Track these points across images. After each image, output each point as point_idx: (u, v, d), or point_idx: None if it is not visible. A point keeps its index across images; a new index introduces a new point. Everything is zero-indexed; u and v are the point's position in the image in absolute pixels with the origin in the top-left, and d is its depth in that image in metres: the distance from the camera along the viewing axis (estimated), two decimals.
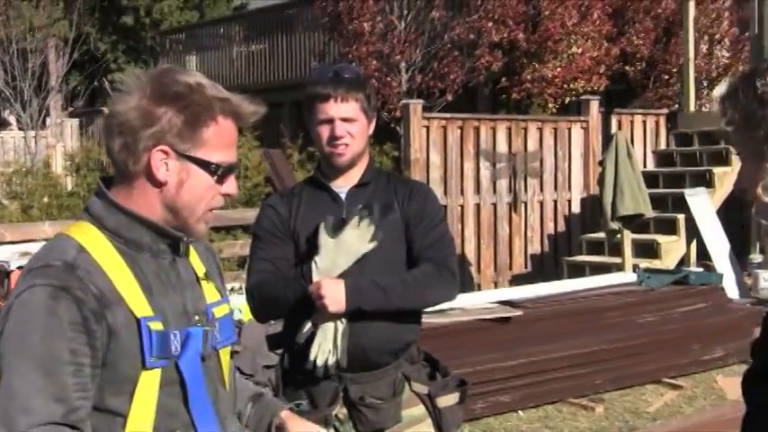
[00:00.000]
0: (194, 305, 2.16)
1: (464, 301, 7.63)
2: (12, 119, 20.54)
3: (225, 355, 2.25)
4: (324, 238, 3.27)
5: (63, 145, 18.89)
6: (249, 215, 10.86)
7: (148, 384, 2.01)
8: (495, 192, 11.97)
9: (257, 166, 12.20)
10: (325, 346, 3.24)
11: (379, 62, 13.69)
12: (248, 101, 2.15)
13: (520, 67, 13.81)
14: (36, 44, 19.49)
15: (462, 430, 5.56)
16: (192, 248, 2.25)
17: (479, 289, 11.17)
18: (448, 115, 12.07)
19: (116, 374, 1.99)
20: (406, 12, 13.78)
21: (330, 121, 3.35)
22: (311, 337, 3.25)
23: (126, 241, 2.08)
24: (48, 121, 20.78)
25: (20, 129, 19.87)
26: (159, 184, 2.09)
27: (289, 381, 3.47)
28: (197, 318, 2.14)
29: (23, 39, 19.16)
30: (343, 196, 3.45)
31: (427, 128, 11.51)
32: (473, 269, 11.65)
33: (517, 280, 11.61)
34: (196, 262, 2.25)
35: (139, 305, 2.02)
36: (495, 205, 11.96)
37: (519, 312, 7.54)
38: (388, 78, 13.63)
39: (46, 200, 11.37)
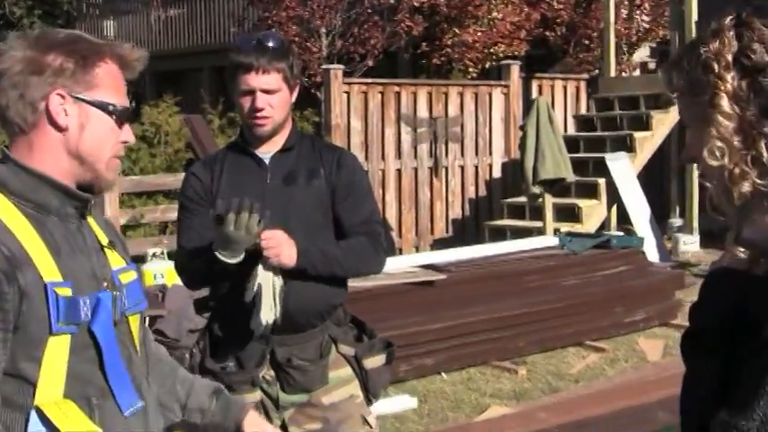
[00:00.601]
0: (101, 271, 2.08)
1: (387, 265, 7.64)
2: None
3: (134, 321, 2.18)
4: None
5: None
6: (170, 180, 10.78)
7: (57, 350, 1.94)
8: (416, 156, 12.01)
9: (178, 132, 12.08)
10: (268, 304, 3.25)
11: (299, 27, 13.62)
12: (131, 47, 2.13)
13: (440, 32, 13.83)
14: None
15: (387, 393, 5.60)
16: (91, 219, 2.17)
17: (401, 253, 11.22)
18: (369, 80, 12.07)
19: (27, 337, 1.92)
20: None
21: (251, 92, 3.35)
22: (256, 296, 3.24)
23: (34, 205, 2.01)
24: None
25: None
26: (61, 130, 2.03)
27: (216, 344, 3.47)
28: (105, 284, 2.06)
29: None
30: (267, 161, 3.45)
31: (348, 93, 11.49)
32: (394, 234, 11.69)
33: (438, 244, 11.69)
34: (98, 231, 2.17)
35: (48, 269, 1.95)
36: (416, 170, 12.01)
37: (442, 276, 7.59)
38: (308, 44, 13.58)
39: None
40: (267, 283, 3.22)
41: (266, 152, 3.46)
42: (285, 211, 3.38)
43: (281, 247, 3.21)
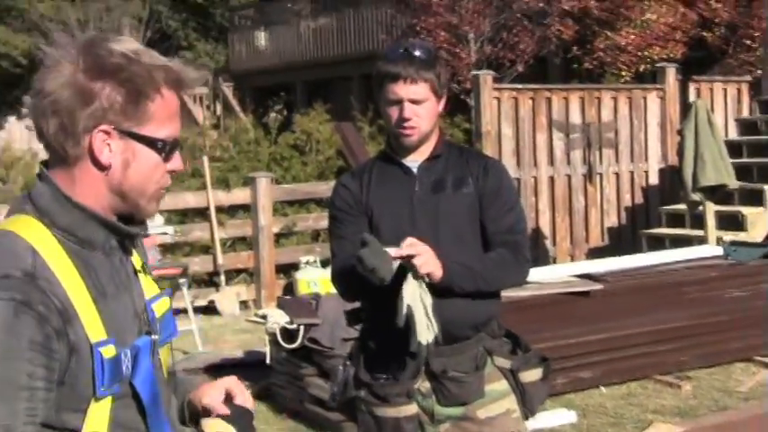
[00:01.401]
0: (140, 303, 2.00)
1: (541, 274, 7.51)
2: None
3: (165, 353, 2.09)
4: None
5: None
6: (321, 188, 10.88)
7: (101, 406, 1.87)
8: (569, 163, 11.79)
9: (329, 140, 12.19)
10: (423, 323, 3.19)
11: (447, 33, 13.58)
12: (190, 66, 1.97)
13: (592, 36, 13.59)
14: (111, 24, 19.71)
15: (544, 406, 5.46)
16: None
17: (555, 262, 11.03)
18: (519, 86, 11.91)
19: (74, 393, 1.83)
20: None
21: (399, 102, 3.32)
22: (408, 318, 3.19)
23: (79, 240, 1.89)
24: None
25: None
26: (103, 168, 1.88)
27: (370, 355, 3.45)
28: (143, 319, 1.99)
29: (99, 19, 19.40)
30: (414, 170, 3.43)
31: (498, 99, 11.36)
32: (548, 242, 11.50)
33: (594, 253, 11.44)
34: (134, 254, 2.07)
35: (93, 326, 1.85)
36: (569, 177, 11.78)
37: (599, 286, 7.40)
38: (457, 50, 13.51)
39: None
40: (416, 303, 3.17)
41: (414, 161, 3.43)
42: (434, 219, 3.36)
43: (428, 254, 3.14)
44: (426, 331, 3.18)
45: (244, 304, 10.69)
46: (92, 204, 1.89)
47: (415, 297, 3.16)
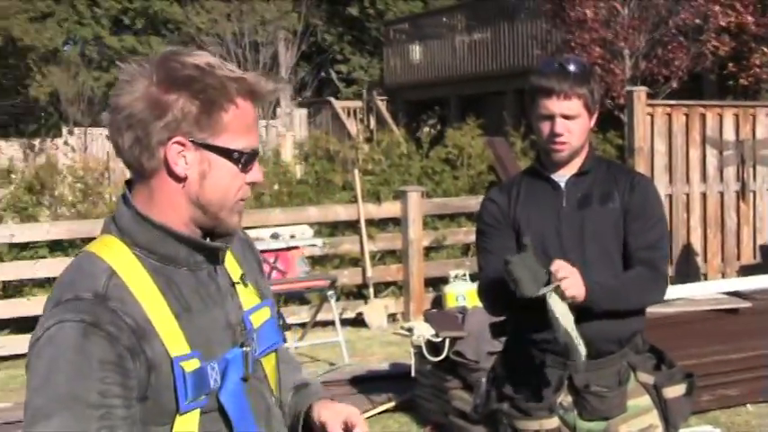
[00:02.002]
0: (236, 315, 1.99)
1: (689, 291, 7.44)
2: None
3: (269, 362, 2.08)
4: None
5: (293, 134, 19.50)
6: (473, 203, 10.93)
7: (188, 419, 1.88)
8: (722, 180, 11.58)
9: (480, 154, 12.24)
10: (576, 336, 3.19)
11: (602, 49, 13.48)
12: (265, 78, 1.94)
13: (748, 52, 13.30)
14: (267, 37, 20.13)
15: (688, 423, 5.45)
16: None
17: (705, 279, 10.85)
18: (673, 102, 11.74)
19: (158, 408, 1.84)
20: None
21: (551, 117, 3.33)
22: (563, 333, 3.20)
23: (160, 257, 1.90)
24: (278, 111, 21.46)
25: None
26: (180, 180, 1.88)
27: (513, 369, 3.50)
28: (237, 332, 1.98)
29: (255, 32, 19.83)
30: (562, 185, 3.45)
31: (651, 115, 11.24)
32: (699, 259, 11.32)
33: (745, 271, 11.20)
34: (231, 264, 2.06)
35: (174, 341, 1.85)
36: (722, 194, 11.57)
37: (747, 304, 7.29)
38: (612, 65, 13.41)
39: (276, 187, 11.72)
40: (567, 318, 3.17)
41: (562, 176, 3.45)
42: (580, 234, 3.38)
43: (574, 277, 3.15)
44: (581, 346, 3.18)
45: (392, 317, 10.78)
46: (172, 219, 1.91)
47: (565, 314, 3.16)
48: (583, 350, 3.16)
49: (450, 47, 19.83)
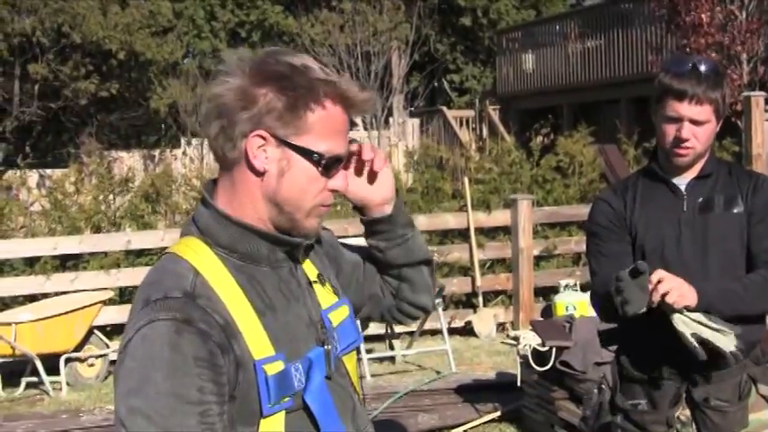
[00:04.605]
0: (316, 313, 1.98)
1: None
2: (358, 120, 21.50)
3: (350, 360, 2.07)
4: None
5: (405, 144, 19.55)
6: (583, 211, 10.61)
7: (274, 420, 1.86)
8: None
9: (592, 163, 12.06)
10: (717, 337, 3.07)
11: (718, 54, 13.16)
12: (359, 86, 1.92)
13: None
14: (379, 47, 20.25)
15: None
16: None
17: None
18: None
19: (246, 407, 1.83)
20: (747, 0, 13.14)
21: (678, 120, 3.20)
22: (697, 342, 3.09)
23: (242, 256, 1.90)
24: (390, 120, 21.57)
25: (365, 129, 20.76)
26: (258, 174, 1.88)
27: (627, 379, 3.39)
28: (319, 330, 1.97)
29: (367, 43, 19.96)
30: (682, 188, 3.33)
31: None
32: None
33: None
34: (307, 264, 2.05)
35: (258, 343, 1.84)
36: None
37: None
38: (729, 71, 13.07)
39: None
40: (695, 326, 3.05)
41: (682, 179, 3.33)
42: (703, 240, 3.27)
43: (680, 288, 3.03)
44: (727, 338, 3.08)
45: (501, 326, 10.71)
46: (251, 215, 1.91)
47: (690, 325, 3.06)
48: (731, 341, 3.05)
49: (563, 55, 19.62)
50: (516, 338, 6.73)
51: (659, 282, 3.01)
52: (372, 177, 2.12)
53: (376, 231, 2.19)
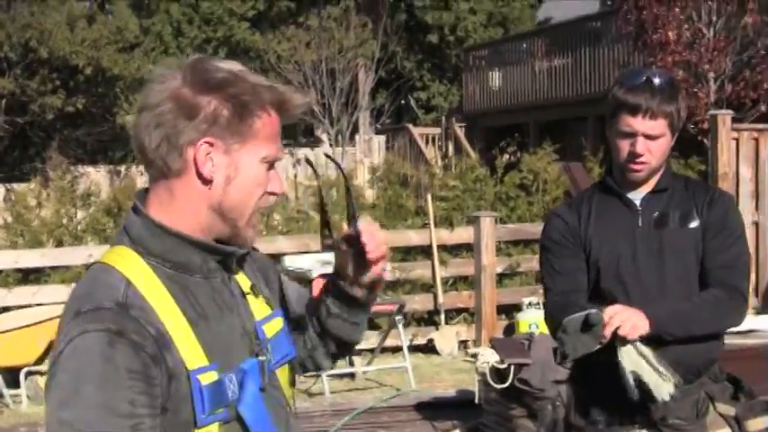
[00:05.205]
0: (249, 324, 1.98)
1: None
2: (324, 136, 21.41)
3: (284, 372, 2.06)
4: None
5: (371, 160, 19.53)
6: None
7: (207, 430, 1.85)
8: None
9: (556, 180, 12.02)
10: (655, 381, 3.04)
11: (685, 72, 13.15)
12: (296, 91, 1.97)
13: None
14: (345, 64, 20.25)
15: None
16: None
17: None
18: (760, 126, 11.40)
19: (178, 419, 1.82)
20: (715, 18, 13.16)
21: (632, 135, 3.16)
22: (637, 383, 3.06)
23: (174, 265, 1.89)
24: (356, 137, 21.55)
25: (330, 145, 20.69)
26: (206, 182, 1.88)
27: (581, 396, 3.35)
28: (253, 338, 1.98)
29: (333, 59, 19.97)
30: (637, 203, 3.28)
31: (737, 140, 10.90)
32: None
33: None
34: (240, 276, 2.04)
35: (191, 353, 1.83)
36: None
37: None
38: (695, 89, 13.06)
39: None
40: (640, 365, 3.01)
41: (637, 194, 3.28)
42: (659, 256, 3.21)
43: (631, 319, 2.98)
44: (664, 385, 3.03)
45: (463, 344, 10.61)
46: (188, 224, 1.90)
47: (634, 361, 3.01)
48: (669, 387, 3.03)
49: (530, 72, 19.63)
50: (475, 356, 6.66)
51: (610, 317, 2.97)
52: (364, 261, 2.06)
53: (338, 299, 2.14)
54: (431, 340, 10.55)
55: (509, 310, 10.74)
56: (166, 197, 1.90)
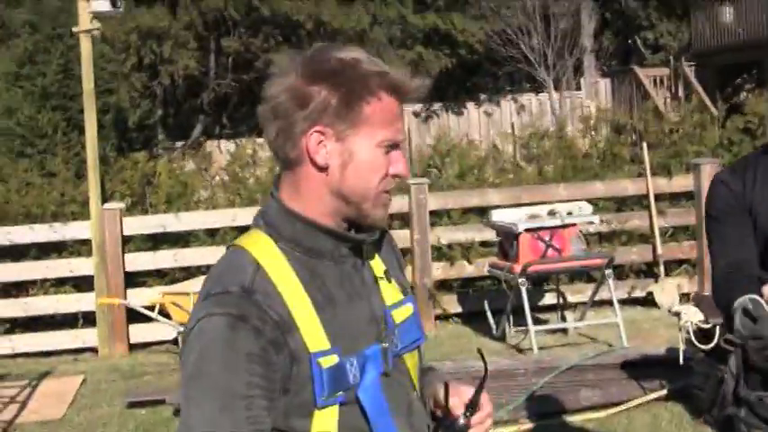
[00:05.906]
0: (379, 310, 2.02)
1: None
2: (549, 81, 21.07)
3: (412, 359, 2.10)
4: None
5: (597, 104, 19.15)
6: None
7: (327, 413, 1.91)
8: None
9: None
10: None
11: None
12: (409, 75, 1.97)
13: None
14: (568, 7, 19.84)
15: None
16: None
17: None
18: None
19: (300, 399, 1.89)
20: None
21: None
22: None
23: (305, 250, 1.96)
24: (582, 81, 21.16)
25: (555, 89, 20.40)
26: (321, 169, 1.94)
27: (752, 369, 3.14)
28: (380, 329, 2.01)
29: (548, 5, 19.63)
30: None
31: None
32: None
33: None
34: (374, 260, 2.08)
35: (314, 337, 1.89)
36: None
37: None
38: None
39: (561, 161, 11.43)
40: None
41: None
42: None
43: None
44: None
45: (685, 297, 10.20)
46: (317, 211, 1.97)
47: None
48: None
49: (765, 3, 18.51)
50: (677, 314, 6.40)
51: None
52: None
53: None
54: (650, 293, 10.27)
55: None
56: (293, 185, 1.98)
